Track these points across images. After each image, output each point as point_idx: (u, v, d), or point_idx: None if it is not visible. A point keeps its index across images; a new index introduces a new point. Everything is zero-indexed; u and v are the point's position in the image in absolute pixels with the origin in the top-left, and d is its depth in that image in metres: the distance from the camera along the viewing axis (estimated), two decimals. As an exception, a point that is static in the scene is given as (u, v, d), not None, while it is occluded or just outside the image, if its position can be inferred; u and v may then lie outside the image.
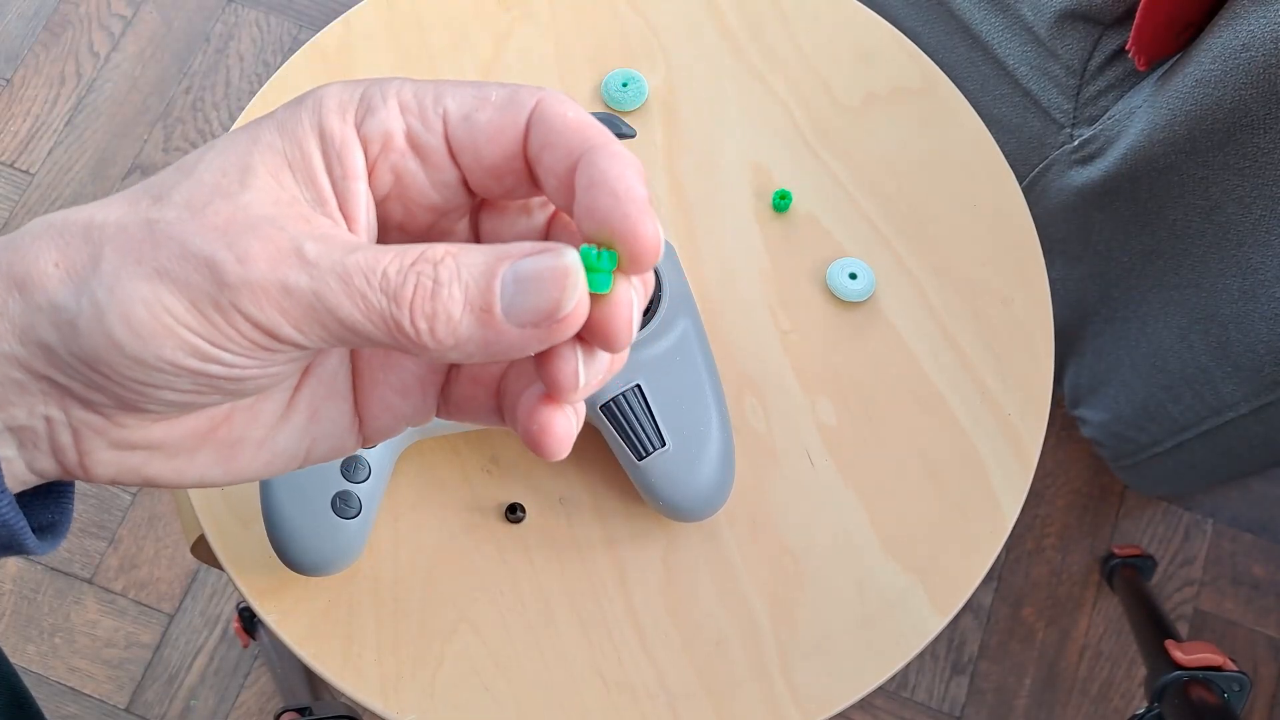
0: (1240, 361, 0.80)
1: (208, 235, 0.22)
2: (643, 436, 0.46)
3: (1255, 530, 1.14)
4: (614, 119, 0.47)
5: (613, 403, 0.46)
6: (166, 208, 0.22)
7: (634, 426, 0.46)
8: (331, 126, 0.23)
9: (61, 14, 1.28)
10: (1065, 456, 1.16)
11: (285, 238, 0.22)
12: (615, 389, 0.46)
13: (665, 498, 0.46)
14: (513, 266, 0.22)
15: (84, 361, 0.22)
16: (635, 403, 0.46)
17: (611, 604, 0.50)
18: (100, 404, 0.23)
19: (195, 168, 0.23)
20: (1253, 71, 0.65)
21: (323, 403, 0.27)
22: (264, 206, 0.22)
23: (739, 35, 0.61)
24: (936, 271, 0.56)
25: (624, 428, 0.46)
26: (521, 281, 0.22)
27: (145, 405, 0.23)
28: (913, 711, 1.06)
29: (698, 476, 0.46)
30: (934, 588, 0.51)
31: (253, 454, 0.26)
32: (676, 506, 0.47)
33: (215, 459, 0.26)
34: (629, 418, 0.46)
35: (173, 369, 0.22)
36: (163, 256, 0.22)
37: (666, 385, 0.46)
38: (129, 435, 0.24)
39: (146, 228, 0.22)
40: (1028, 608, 1.11)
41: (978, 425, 0.53)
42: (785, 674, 0.49)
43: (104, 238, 0.22)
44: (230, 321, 0.22)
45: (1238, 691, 0.83)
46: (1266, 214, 0.72)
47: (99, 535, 1.08)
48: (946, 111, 0.60)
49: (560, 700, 0.48)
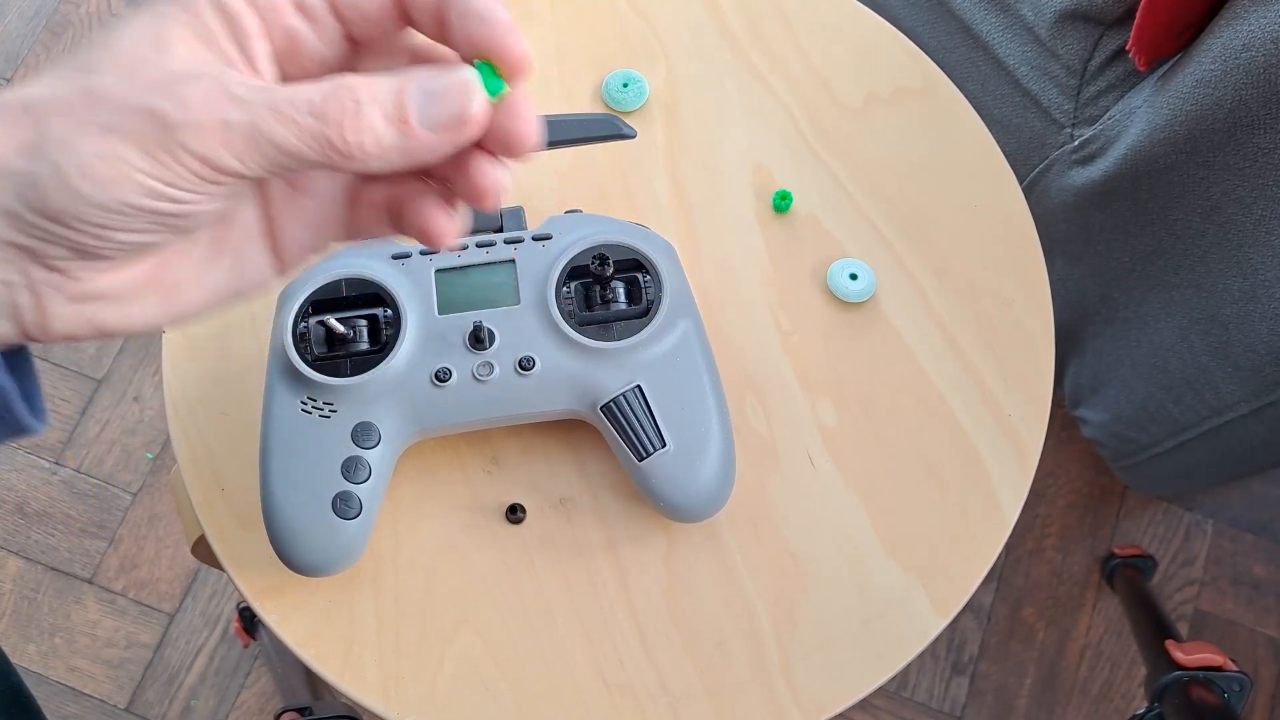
0: (1240, 361, 0.80)
1: (145, 91, 0.26)
2: (643, 437, 0.46)
3: (1255, 530, 1.14)
4: (613, 120, 0.47)
5: (613, 403, 0.46)
6: (98, 76, 0.26)
7: (634, 427, 0.46)
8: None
9: (62, 14, 1.28)
10: (1065, 456, 1.16)
11: (214, 83, 0.26)
12: (616, 389, 0.46)
13: (666, 498, 0.46)
14: (419, 83, 0.27)
15: (49, 218, 0.26)
16: (636, 403, 0.46)
17: (612, 605, 0.50)
18: (58, 259, 0.27)
19: (112, 43, 0.27)
20: (1253, 71, 0.65)
21: (243, 243, 0.31)
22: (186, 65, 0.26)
23: (739, 36, 0.61)
24: (937, 272, 0.56)
25: (624, 428, 0.46)
26: (430, 94, 0.27)
27: (104, 250, 0.27)
28: (913, 711, 1.06)
29: (698, 477, 0.46)
30: (934, 588, 0.51)
31: (189, 293, 0.30)
32: (677, 507, 0.47)
33: (157, 300, 0.30)
34: (629, 418, 0.46)
35: (132, 210, 0.26)
36: (107, 115, 0.25)
37: (667, 386, 0.46)
38: (84, 287, 0.28)
39: (85, 94, 0.26)
40: (1028, 608, 1.11)
41: (978, 425, 0.53)
42: (786, 674, 0.49)
43: (46, 110, 0.25)
44: (179, 160, 0.26)
45: (1238, 692, 0.83)
46: (1267, 214, 0.72)
47: (99, 535, 1.08)
48: (947, 112, 0.60)
49: (561, 701, 0.48)
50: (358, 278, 0.45)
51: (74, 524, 1.08)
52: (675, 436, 0.46)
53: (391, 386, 0.45)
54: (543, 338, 0.46)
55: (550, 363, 0.46)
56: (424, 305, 0.46)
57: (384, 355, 0.45)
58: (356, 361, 0.45)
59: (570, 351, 0.46)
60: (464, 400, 0.46)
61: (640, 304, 0.47)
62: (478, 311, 0.46)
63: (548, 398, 0.46)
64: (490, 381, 0.45)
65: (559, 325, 0.46)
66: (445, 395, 0.45)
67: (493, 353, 0.45)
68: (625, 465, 0.47)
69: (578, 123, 0.47)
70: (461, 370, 0.45)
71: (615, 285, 0.47)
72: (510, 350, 0.45)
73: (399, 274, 0.46)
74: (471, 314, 0.46)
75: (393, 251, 0.47)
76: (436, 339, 0.45)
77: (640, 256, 0.47)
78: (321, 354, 0.45)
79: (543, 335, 0.46)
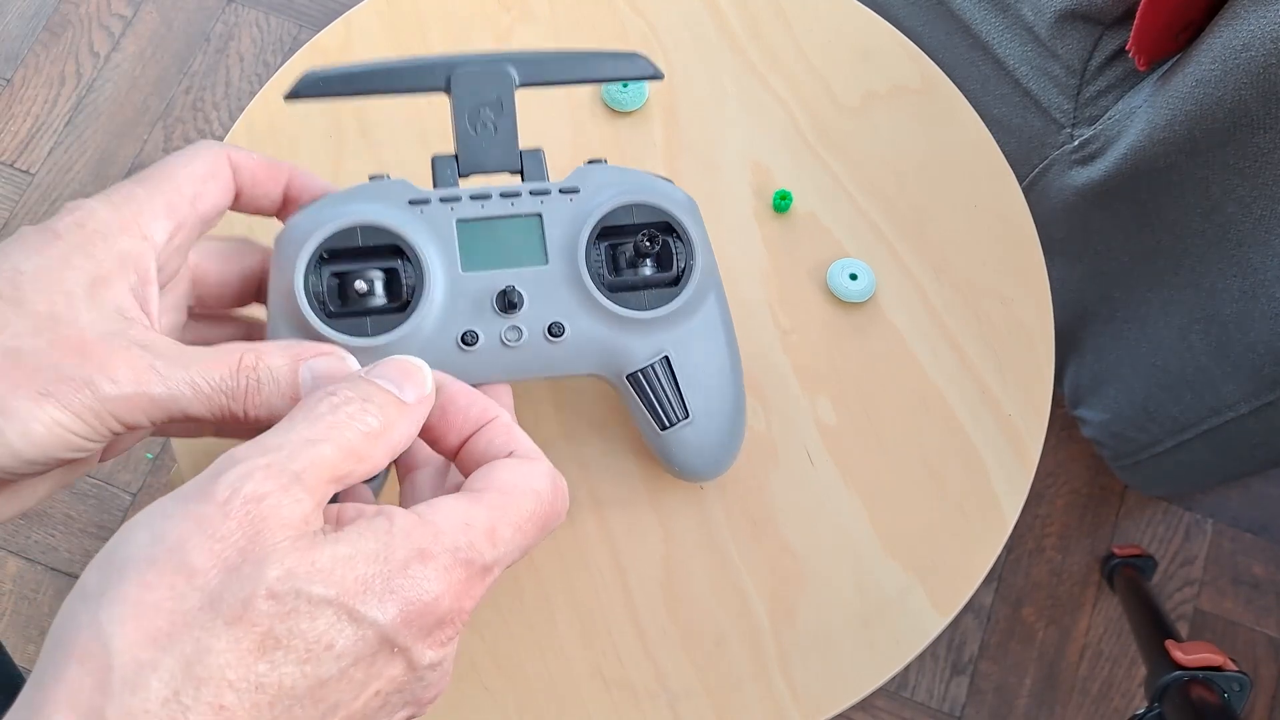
0: (1240, 361, 0.80)
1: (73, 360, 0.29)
2: (668, 408, 0.45)
3: (1255, 530, 1.14)
4: (639, 58, 0.46)
5: (640, 374, 0.44)
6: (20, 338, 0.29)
7: (659, 398, 0.45)
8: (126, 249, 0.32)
9: (61, 14, 1.28)
10: (1065, 456, 1.16)
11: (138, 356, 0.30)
12: (644, 360, 0.44)
13: (682, 464, 0.47)
14: (308, 366, 0.32)
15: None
16: (663, 374, 0.45)
17: (611, 603, 0.50)
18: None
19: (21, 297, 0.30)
20: (1253, 71, 0.65)
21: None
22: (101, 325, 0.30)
23: (739, 35, 0.61)
24: (937, 271, 0.56)
25: (650, 399, 0.45)
26: (319, 375, 0.32)
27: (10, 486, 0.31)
28: (913, 711, 1.06)
29: (716, 444, 0.47)
30: (934, 588, 0.51)
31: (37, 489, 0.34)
32: (693, 472, 0.47)
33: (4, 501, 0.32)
34: (655, 389, 0.45)
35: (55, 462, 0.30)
36: (42, 381, 0.28)
37: (692, 357, 0.45)
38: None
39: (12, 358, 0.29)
40: (1028, 608, 1.11)
41: (978, 425, 0.53)
42: (785, 674, 0.49)
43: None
44: (105, 424, 0.29)
45: (1238, 691, 0.83)
46: (1267, 214, 0.72)
47: (99, 535, 1.08)
48: (946, 111, 0.60)
49: (560, 699, 0.48)
50: (374, 225, 0.41)
51: (74, 524, 1.08)
52: (698, 407, 0.45)
53: (414, 348, 0.41)
54: (573, 303, 0.43)
55: (579, 329, 0.43)
56: (447, 260, 0.42)
57: (406, 314, 0.41)
58: (377, 320, 0.41)
59: (600, 318, 0.43)
60: (488, 364, 0.43)
61: (670, 270, 0.45)
62: (503, 270, 0.43)
63: (574, 363, 0.44)
64: (517, 347, 0.42)
65: (590, 291, 0.43)
66: (469, 359, 0.42)
67: (521, 317, 0.42)
68: (645, 432, 0.47)
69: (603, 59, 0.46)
70: (489, 334, 0.42)
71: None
72: (539, 315, 0.43)
73: (418, 223, 0.42)
74: (497, 272, 0.42)
75: (409, 195, 0.42)
76: (462, 298, 0.42)
77: (673, 220, 0.44)
78: (337, 310, 0.40)
79: (572, 300, 0.43)
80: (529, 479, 0.31)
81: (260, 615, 0.24)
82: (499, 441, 0.33)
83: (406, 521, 0.27)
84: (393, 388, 0.30)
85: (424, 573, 0.26)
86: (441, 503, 0.29)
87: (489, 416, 0.33)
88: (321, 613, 0.25)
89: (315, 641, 0.24)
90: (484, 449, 0.33)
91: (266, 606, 0.24)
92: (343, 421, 0.28)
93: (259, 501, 0.25)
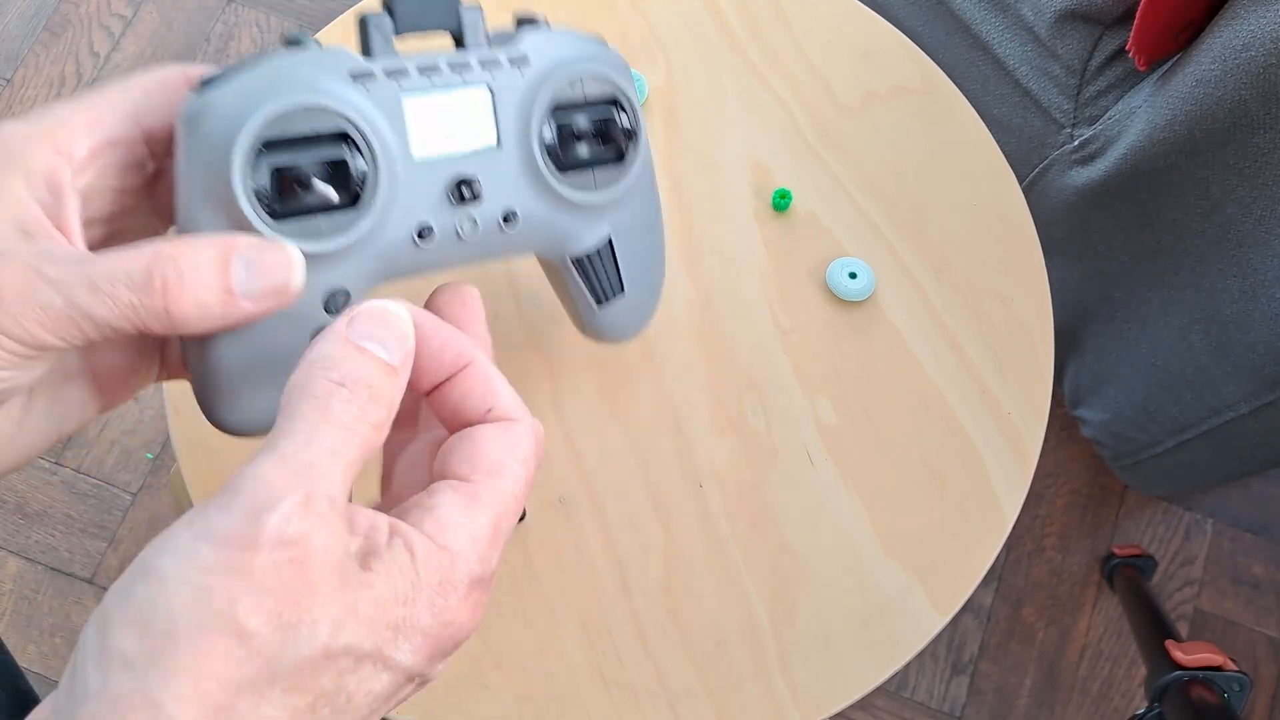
0: (1240, 361, 0.80)
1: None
2: (606, 286, 0.44)
3: (1255, 530, 1.14)
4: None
5: (586, 257, 0.43)
6: None
7: (599, 277, 0.44)
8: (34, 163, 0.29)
9: (61, 14, 1.28)
10: (1065, 456, 1.16)
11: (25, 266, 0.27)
12: (591, 244, 0.43)
13: (610, 333, 0.46)
14: (242, 255, 0.29)
15: None
16: (606, 255, 0.43)
17: (611, 603, 0.50)
18: None
19: None
20: (1253, 71, 0.65)
21: (60, 387, 0.32)
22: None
23: (739, 35, 0.61)
24: (936, 271, 0.56)
25: (590, 279, 0.44)
26: (253, 265, 0.29)
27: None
28: (913, 711, 1.06)
29: (643, 311, 0.47)
30: (934, 588, 0.51)
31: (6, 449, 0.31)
32: (619, 337, 0.47)
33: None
34: (597, 269, 0.43)
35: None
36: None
37: (632, 235, 0.44)
38: None
39: None
40: (1028, 608, 1.11)
41: (978, 425, 0.53)
42: (785, 673, 0.49)
43: None
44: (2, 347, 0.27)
45: (1238, 691, 0.83)
46: (1266, 214, 0.72)
47: (99, 535, 1.08)
48: (946, 111, 0.60)
49: (560, 700, 0.48)
50: (321, 108, 0.35)
51: (74, 524, 1.08)
52: (631, 280, 0.44)
53: (372, 250, 0.37)
54: (525, 188, 0.40)
55: (530, 215, 0.40)
56: (398, 145, 0.37)
57: (360, 211, 0.36)
58: (329, 220, 0.36)
59: (550, 203, 0.40)
60: (438, 257, 0.39)
61: (611, 145, 0.41)
62: (456, 154, 0.38)
63: (519, 249, 0.41)
64: (470, 238, 0.39)
65: (543, 174, 0.39)
66: (421, 253, 0.38)
67: (476, 206, 0.39)
68: (577, 304, 0.45)
69: None
70: (444, 226, 0.38)
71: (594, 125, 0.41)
72: (493, 203, 0.39)
73: (365, 102, 0.37)
74: (449, 157, 0.38)
75: (349, 67, 0.37)
76: (414, 188, 0.38)
77: (620, 94, 0.41)
78: (280, 210, 0.34)
79: (525, 185, 0.40)
80: (514, 449, 0.30)
81: (315, 679, 0.24)
82: (476, 394, 0.31)
83: (425, 552, 0.26)
84: (382, 351, 0.28)
85: (447, 605, 0.26)
86: (448, 517, 0.28)
87: (464, 361, 0.31)
88: (364, 666, 0.25)
89: (355, 691, 0.25)
90: (459, 401, 0.31)
91: (321, 669, 0.24)
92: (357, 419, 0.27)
93: (302, 543, 0.24)
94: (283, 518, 0.24)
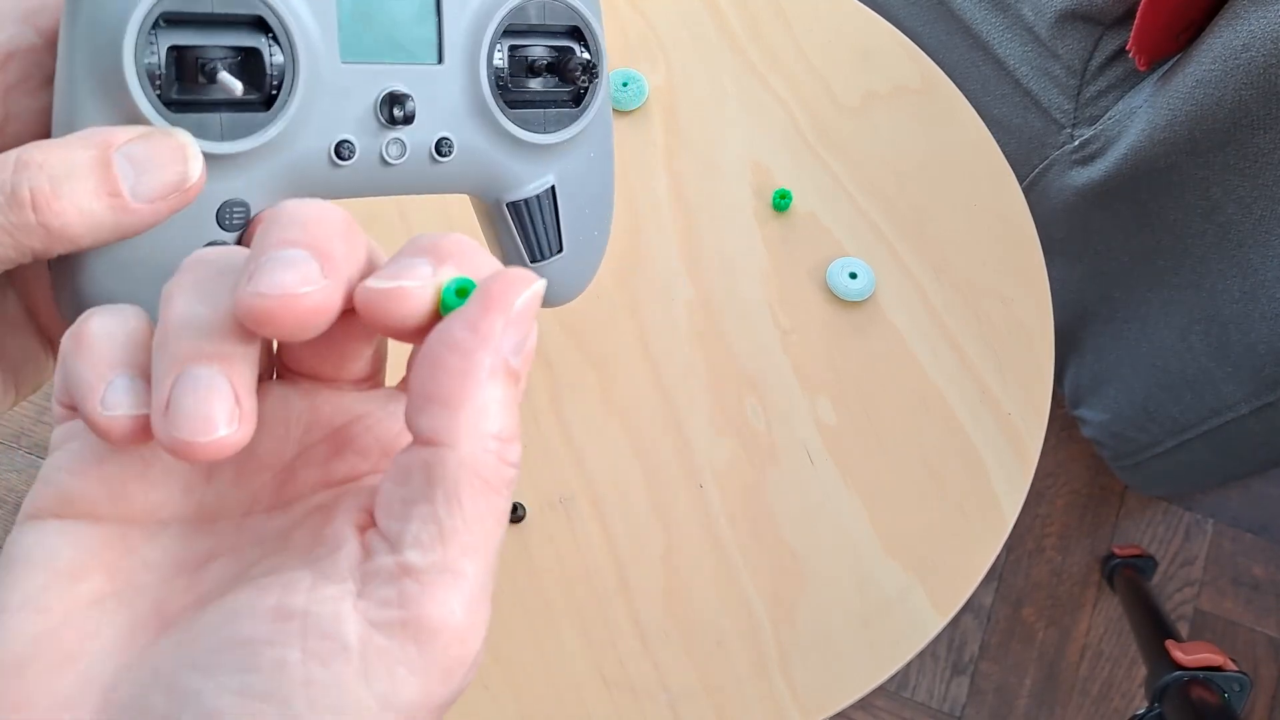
0: (1240, 361, 0.80)
1: None
2: (544, 240, 0.40)
3: (1255, 530, 1.14)
4: None
5: (524, 203, 0.39)
6: None
7: (537, 229, 0.39)
8: None
9: (62, 14, 1.28)
10: (1065, 456, 1.16)
11: None
12: (531, 189, 0.38)
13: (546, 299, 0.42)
14: (125, 153, 0.24)
15: None
16: (546, 204, 0.39)
17: (611, 603, 0.50)
18: None
19: None
20: (1253, 71, 0.65)
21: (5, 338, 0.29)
22: None
23: (739, 35, 0.61)
24: (936, 271, 0.56)
25: (526, 229, 0.39)
26: (141, 163, 0.24)
27: None
28: (913, 711, 1.06)
29: (580, 276, 0.42)
30: (934, 588, 0.51)
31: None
32: (551, 303, 0.42)
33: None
34: (534, 219, 0.39)
35: None
36: None
37: (579, 187, 0.40)
38: None
39: None
40: (1028, 608, 1.11)
41: (977, 424, 0.53)
42: (785, 673, 0.49)
43: None
44: None
45: (1238, 691, 0.83)
46: (1266, 214, 0.72)
47: (99, 535, 1.08)
48: (947, 111, 0.60)
49: (561, 700, 0.48)
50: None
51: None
52: (571, 239, 0.40)
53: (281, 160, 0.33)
54: (466, 117, 0.35)
55: (468, 148, 0.36)
56: (324, 44, 0.33)
57: (272, 112, 0.32)
58: (234, 119, 0.32)
59: (492, 138, 0.36)
60: (356, 181, 0.35)
61: (569, 84, 0.37)
62: (390, 65, 0.34)
63: (450, 185, 0.37)
64: (396, 165, 0.35)
65: (488, 104, 0.35)
66: (337, 173, 0.34)
67: (406, 130, 0.35)
68: (509, 259, 0.41)
69: None
70: (367, 147, 0.34)
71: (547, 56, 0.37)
72: (426, 128, 0.35)
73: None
74: (382, 67, 0.34)
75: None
76: (337, 97, 0.33)
77: (584, 26, 0.37)
78: (178, 97, 0.31)
79: (466, 113, 0.35)
80: None
81: None
82: None
83: None
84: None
85: None
86: None
87: None
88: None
89: None
90: None
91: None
92: None
93: None
94: None
